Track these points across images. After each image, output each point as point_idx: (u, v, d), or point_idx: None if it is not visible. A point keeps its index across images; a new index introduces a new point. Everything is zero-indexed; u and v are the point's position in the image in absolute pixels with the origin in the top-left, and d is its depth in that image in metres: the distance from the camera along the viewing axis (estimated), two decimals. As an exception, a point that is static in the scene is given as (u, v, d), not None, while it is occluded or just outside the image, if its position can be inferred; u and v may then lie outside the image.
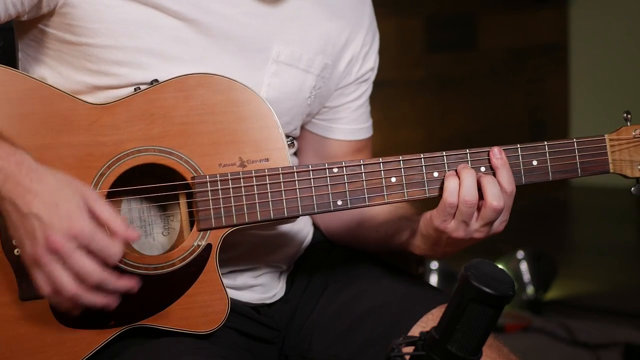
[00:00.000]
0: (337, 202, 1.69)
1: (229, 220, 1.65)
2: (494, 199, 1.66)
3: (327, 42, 1.83)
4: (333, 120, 1.94)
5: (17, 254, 1.59)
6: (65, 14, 1.67)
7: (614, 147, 1.77)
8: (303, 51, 1.79)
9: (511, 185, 1.69)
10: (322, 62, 1.82)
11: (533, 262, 4.23)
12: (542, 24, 6.31)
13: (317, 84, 1.83)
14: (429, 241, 1.74)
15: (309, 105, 1.84)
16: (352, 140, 1.96)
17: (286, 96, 1.78)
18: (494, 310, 1.30)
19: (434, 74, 5.55)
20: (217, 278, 1.67)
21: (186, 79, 1.66)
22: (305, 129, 1.94)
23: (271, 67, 1.77)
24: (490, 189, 1.66)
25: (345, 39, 1.86)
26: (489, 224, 1.68)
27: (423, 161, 1.70)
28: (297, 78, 1.80)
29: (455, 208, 1.66)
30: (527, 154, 1.73)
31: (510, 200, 1.69)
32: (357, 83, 1.93)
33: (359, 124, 1.96)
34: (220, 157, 1.66)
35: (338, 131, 1.94)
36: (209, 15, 1.70)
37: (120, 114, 1.64)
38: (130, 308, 1.63)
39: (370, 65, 1.94)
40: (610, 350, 3.65)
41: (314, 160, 1.93)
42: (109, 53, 1.67)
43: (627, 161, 1.78)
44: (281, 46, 1.77)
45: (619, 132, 1.78)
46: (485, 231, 1.69)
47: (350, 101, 1.94)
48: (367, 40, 1.91)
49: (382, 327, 1.80)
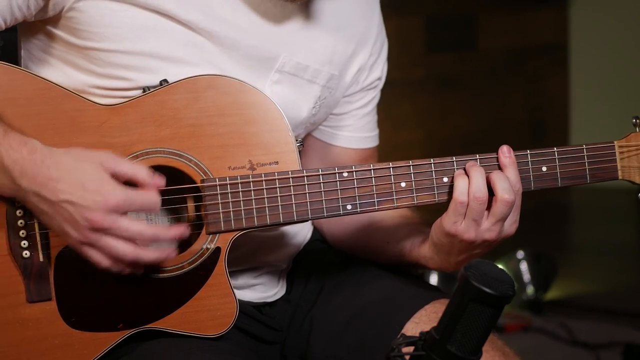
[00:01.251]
0: (347, 207, 1.68)
1: (238, 224, 1.65)
2: (505, 192, 1.65)
3: (334, 53, 1.82)
4: (339, 128, 1.94)
5: (26, 256, 1.59)
6: (71, 18, 1.67)
7: (622, 154, 1.77)
8: (309, 62, 1.79)
9: (519, 183, 1.69)
10: (329, 72, 1.82)
11: (533, 262, 4.24)
12: (542, 24, 6.31)
13: (323, 94, 1.83)
14: (442, 250, 1.73)
15: (313, 115, 1.84)
16: (357, 148, 1.95)
17: (289, 105, 1.77)
18: (494, 310, 1.30)
19: (434, 74, 5.55)
20: (226, 281, 1.67)
21: (196, 80, 1.66)
22: (310, 135, 1.94)
23: (273, 76, 1.76)
24: (500, 183, 1.66)
25: (352, 49, 1.86)
26: (500, 221, 1.67)
27: (433, 166, 1.70)
28: (302, 88, 1.80)
29: (465, 207, 1.66)
30: (536, 160, 1.73)
31: (518, 199, 1.69)
32: (364, 91, 1.93)
33: (365, 132, 1.96)
34: (230, 160, 1.66)
35: (343, 138, 1.94)
36: (215, 23, 1.70)
37: (129, 115, 1.64)
38: (139, 311, 1.64)
39: (377, 74, 1.94)
40: (610, 350, 3.65)
41: (319, 166, 1.92)
42: (116, 57, 1.67)
43: (636, 168, 1.77)
44: (287, 57, 1.76)
45: (628, 139, 1.77)
46: (496, 230, 1.68)
47: (357, 109, 1.93)
48: (375, 49, 1.91)
49: (376, 326, 1.80)
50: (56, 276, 1.61)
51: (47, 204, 1.52)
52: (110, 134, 1.63)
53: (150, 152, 1.64)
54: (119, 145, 1.63)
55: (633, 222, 5.64)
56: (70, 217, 1.51)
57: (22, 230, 1.59)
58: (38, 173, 1.51)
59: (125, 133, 1.63)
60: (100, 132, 1.63)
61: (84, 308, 1.62)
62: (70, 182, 1.51)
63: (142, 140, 1.64)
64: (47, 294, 1.60)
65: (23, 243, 1.59)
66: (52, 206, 1.51)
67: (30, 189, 1.51)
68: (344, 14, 1.84)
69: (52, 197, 1.50)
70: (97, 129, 1.63)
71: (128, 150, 1.63)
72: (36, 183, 1.51)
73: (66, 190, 1.50)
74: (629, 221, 5.65)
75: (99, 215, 1.50)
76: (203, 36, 1.69)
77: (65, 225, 1.52)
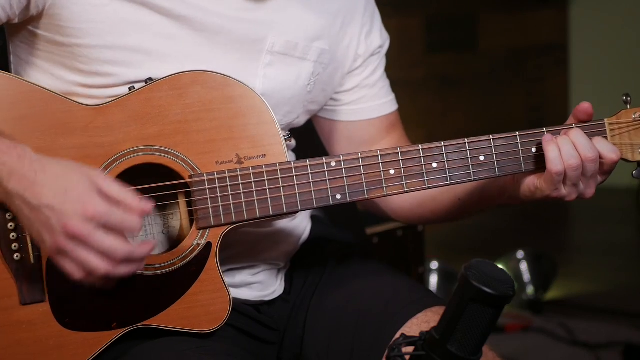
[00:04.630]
0: (336, 196, 1.68)
1: (227, 218, 1.65)
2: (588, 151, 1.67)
3: (322, 28, 1.82)
4: (354, 102, 1.93)
5: (17, 259, 1.59)
6: (53, 15, 1.66)
7: (614, 131, 1.76)
8: (298, 40, 1.78)
9: (587, 141, 1.70)
10: (319, 48, 1.81)
11: (533, 262, 4.24)
12: (542, 24, 6.32)
13: (316, 71, 1.82)
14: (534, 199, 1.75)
15: (309, 93, 1.83)
16: (380, 116, 1.95)
17: (284, 86, 1.77)
18: (494, 310, 1.30)
19: (434, 74, 5.55)
20: (218, 276, 1.66)
21: (180, 76, 1.66)
22: (331, 120, 1.94)
23: (265, 58, 1.76)
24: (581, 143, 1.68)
25: (340, 22, 1.86)
26: (592, 178, 1.69)
27: (421, 152, 1.70)
28: (294, 67, 1.79)
29: (562, 175, 1.67)
30: (526, 142, 1.72)
31: (595, 153, 1.69)
32: (367, 60, 1.92)
33: (381, 98, 1.95)
34: (217, 155, 1.66)
35: (363, 111, 1.94)
36: (198, 11, 1.69)
37: (115, 114, 1.64)
38: (132, 309, 1.63)
39: (377, 42, 1.93)
40: (610, 350, 3.66)
41: (348, 149, 1.92)
42: (99, 53, 1.67)
43: (628, 145, 1.75)
44: (275, 37, 1.76)
45: (618, 116, 1.76)
46: (593, 186, 1.70)
47: (366, 78, 1.93)
48: (365, 20, 1.90)
49: (367, 335, 1.79)
50: (48, 278, 1.60)
51: (29, 208, 1.50)
52: (97, 134, 1.63)
53: (137, 150, 1.64)
54: (106, 145, 1.63)
55: (633, 222, 5.64)
56: (48, 223, 1.49)
57: (12, 233, 1.59)
58: (25, 176, 1.50)
59: (112, 132, 1.63)
60: (87, 132, 1.63)
61: (78, 308, 1.62)
62: (54, 189, 1.49)
63: (128, 139, 1.63)
64: (40, 296, 1.60)
65: (14, 245, 1.59)
66: (33, 211, 1.50)
67: (16, 192, 1.50)
68: None
69: (34, 201, 1.49)
70: (83, 130, 1.63)
71: (115, 150, 1.63)
72: (21, 186, 1.50)
73: (48, 195, 1.49)
74: (629, 221, 5.65)
75: (76, 222, 1.47)
76: (187, 25, 1.69)
77: (42, 231, 1.50)
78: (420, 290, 1.90)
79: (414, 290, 1.88)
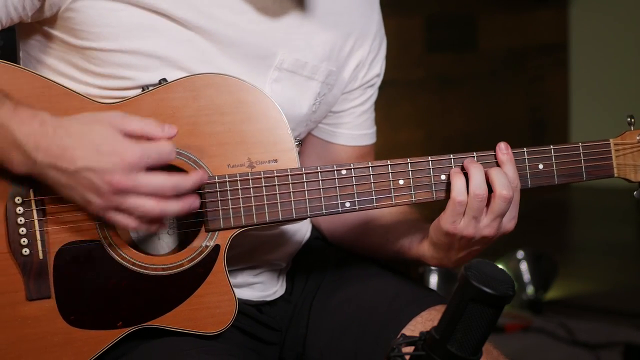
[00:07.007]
0: (345, 204, 1.69)
1: (237, 222, 1.65)
2: (504, 188, 1.65)
3: (332, 49, 1.82)
4: (337, 125, 1.93)
5: (25, 254, 1.59)
6: (68, 19, 1.67)
7: (618, 152, 1.78)
8: (308, 59, 1.79)
9: (517, 179, 1.69)
10: (327, 69, 1.82)
11: (533, 262, 4.24)
12: (542, 24, 6.32)
13: (322, 91, 1.83)
14: (441, 248, 1.73)
15: (314, 112, 1.84)
16: (356, 145, 1.95)
17: (289, 103, 1.77)
18: (494, 310, 1.30)
19: (434, 74, 5.55)
20: (225, 279, 1.67)
21: (194, 78, 1.66)
22: (309, 133, 1.93)
23: (273, 74, 1.76)
24: (498, 179, 1.66)
25: (351, 45, 1.86)
26: (499, 217, 1.67)
27: (431, 164, 1.70)
28: (301, 85, 1.80)
29: (464, 206, 1.66)
30: (533, 158, 1.74)
31: (517, 195, 1.69)
32: (363, 88, 1.93)
33: (363, 129, 1.96)
34: (229, 158, 1.66)
35: (342, 136, 1.94)
36: (213, 22, 1.69)
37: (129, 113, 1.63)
38: (138, 309, 1.64)
39: (376, 71, 1.94)
40: (610, 350, 3.66)
41: (317, 164, 1.91)
42: (114, 56, 1.67)
43: (631, 165, 1.78)
44: (285, 54, 1.76)
45: (623, 137, 1.78)
46: (495, 227, 1.68)
47: (355, 106, 1.93)
48: (374, 47, 1.91)
49: (370, 335, 1.79)
50: (55, 274, 1.61)
51: (66, 176, 1.51)
52: None
53: None
54: None
55: (633, 222, 5.65)
56: (92, 185, 1.50)
57: (22, 228, 1.59)
58: (51, 144, 1.50)
59: None
60: None
61: (84, 306, 1.62)
62: (84, 148, 1.50)
63: None
64: (46, 292, 1.60)
65: (23, 240, 1.59)
66: (72, 176, 1.50)
67: (47, 163, 1.50)
68: (342, 10, 1.84)
69: (69, 167, 1.50)
70: None
71: None
72: (52, 155, 1.50)
73: (82, 156, 1.49)
74: (629, 221, 5.66)
75: (120, 176, 1.49)
76: (201, 35, 1.69)
77: (87, 194, 1.51)
78: (423, 289, 1.91)
79: (416, 289, 1.88)
